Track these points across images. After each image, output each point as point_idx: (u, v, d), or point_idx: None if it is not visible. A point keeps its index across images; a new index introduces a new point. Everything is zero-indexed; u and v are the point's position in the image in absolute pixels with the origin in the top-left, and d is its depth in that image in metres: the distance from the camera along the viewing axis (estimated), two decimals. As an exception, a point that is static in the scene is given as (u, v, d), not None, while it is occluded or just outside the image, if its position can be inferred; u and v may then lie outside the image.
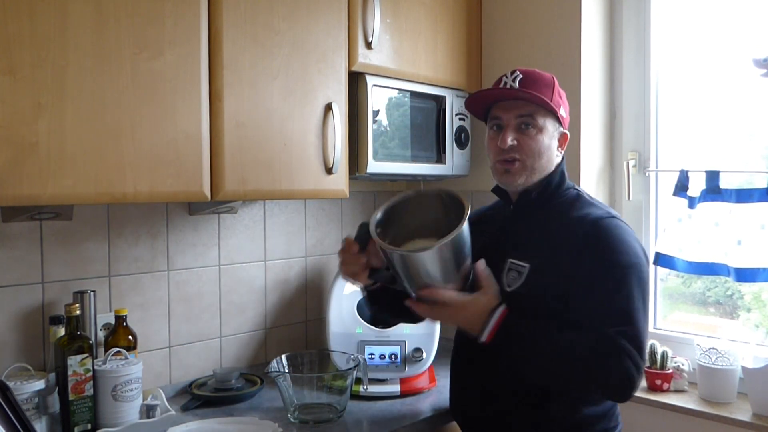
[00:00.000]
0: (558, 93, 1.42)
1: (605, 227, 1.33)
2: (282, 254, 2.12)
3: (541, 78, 1.41)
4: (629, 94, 2.11)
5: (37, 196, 1.27)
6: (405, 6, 1.96)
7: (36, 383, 1.45)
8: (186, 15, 1.46)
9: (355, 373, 1.68)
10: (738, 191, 1.81)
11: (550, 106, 1.37)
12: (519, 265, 1.37)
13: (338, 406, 1.62)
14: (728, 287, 1.98)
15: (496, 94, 1.41)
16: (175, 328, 1.86)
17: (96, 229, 1.70)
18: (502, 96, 1.40)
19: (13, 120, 1.23)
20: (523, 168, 1.39)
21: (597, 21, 2.07)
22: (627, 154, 2.11)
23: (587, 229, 1.33)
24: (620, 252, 1.30)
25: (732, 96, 1.92)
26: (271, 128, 1.64)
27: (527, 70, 1.41)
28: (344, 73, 1.80)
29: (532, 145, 1.38)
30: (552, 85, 1.41)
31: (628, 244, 1.32)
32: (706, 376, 1.84)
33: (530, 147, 1.38)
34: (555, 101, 1.40)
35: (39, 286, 1.62)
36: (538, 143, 1.38)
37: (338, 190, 1.80)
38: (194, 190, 1.49)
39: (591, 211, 1.37)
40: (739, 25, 1.88)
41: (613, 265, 1.29)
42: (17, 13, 1.22)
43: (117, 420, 1.52)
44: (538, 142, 1.38)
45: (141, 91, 1.39)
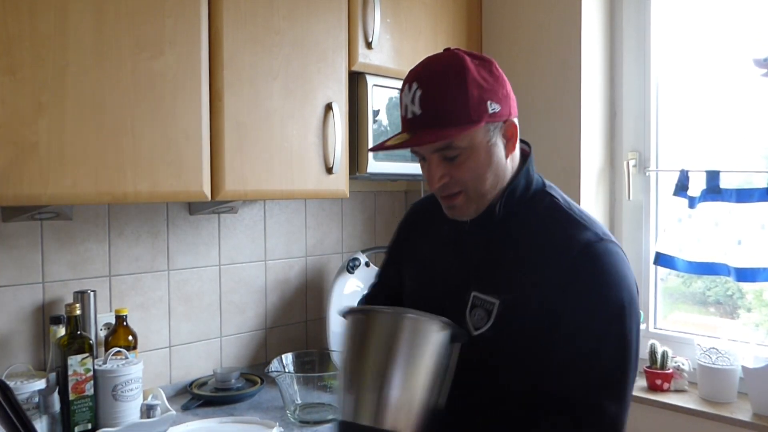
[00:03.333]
0: (477, 86, 1.01)
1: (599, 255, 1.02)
2: (282, 254, 2.12)
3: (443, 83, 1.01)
4: (629, 94, 2.11)
5: (37, 196, 1.27)
6: (405, 6, 1.96)
7: (36, 383, 1.45)
8: (186, 15, 1.46)
9: None
10: (738, 191, 1.81)
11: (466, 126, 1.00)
12: (485, 300, 1.06)
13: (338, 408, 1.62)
14: (728, 287, 1.98)
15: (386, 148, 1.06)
16: (175, 328, 1.86)
17: (96, 229, 1.70)
18: (397, 148, 1.05)
19: (14, 120, 1.23)
20: (469, 199, 1.07)
21: (597, 21, 2.07)
22: (627, 154, 2.11)
23: (575, 257, 1.01)
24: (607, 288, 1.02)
25: (732, 96, 1.92)
26: (271, 128, 1.64)
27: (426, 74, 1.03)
28: (344, 73, 1.80)
29: (467, 174, 1.04)
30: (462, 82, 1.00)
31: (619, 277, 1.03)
32: (706, 375, 1.84)
33: (465, 176, 1.04)
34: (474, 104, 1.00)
35: (39, 285, 1.62)
36: (473, 168, 1.04)
37: (338, 190, 1.80)
38: (194, 189, 1.49)
39: (577, 231, 1.04)
40: (739, 25, 1.88)
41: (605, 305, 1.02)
42: (17, 13, 1.22)
43: (117, 420, 1.52)
44: (473, 166, 1.04)
45: (141, 91, 1.39)
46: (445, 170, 1.04)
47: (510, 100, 1.06)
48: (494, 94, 1.03)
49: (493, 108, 1.02)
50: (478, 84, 1.01)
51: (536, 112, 2.10)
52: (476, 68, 1.02)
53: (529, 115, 2.12)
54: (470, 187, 1.06)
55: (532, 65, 2.13)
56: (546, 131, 2.08)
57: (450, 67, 1.02)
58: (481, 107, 1.01)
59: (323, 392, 1.64)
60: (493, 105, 1.02)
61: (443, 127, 1.01)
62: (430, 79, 1.02)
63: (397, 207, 2.49)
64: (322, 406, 1.63)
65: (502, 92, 1.04)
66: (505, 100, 1.05)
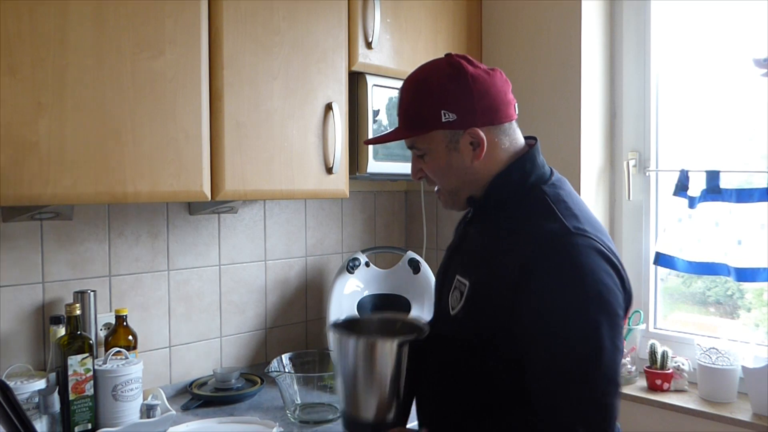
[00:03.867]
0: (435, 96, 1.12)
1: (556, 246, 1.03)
2: (282, 254, 2.12)
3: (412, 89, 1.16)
4: (629, 94, 2.11)
5: (37, 196, 1.27)
6: (405, 6, 1.96)
7: (36, 383, 1.45)
8: (186, 15, 1.46)
9: None
10: (738, 191, 1.81)
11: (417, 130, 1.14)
12: (461, 282, 1.15)
13: (339, 405, 1.62)
14: (728, 287, 1.98)
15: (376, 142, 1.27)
16: (175, 328, 1.87)
17: (96, 229, 1.71)
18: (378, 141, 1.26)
19: (14, 120, 1.23)
20: (446, 195, 1.20)
21: (597, 21, 2.07)
22: (627, 154, 2.11)
23: (539, 246, 1.03)
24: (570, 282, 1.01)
25: (732, 96, 1.92)
26: (271, 128, 1.64)
27: (405, 82, 1.17)
28: (344, 73, 1.80)
29: (432, 171, 1.17)
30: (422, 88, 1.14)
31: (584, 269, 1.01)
32: (706, 375, 1.84)
33: (432, 173, 1.18)
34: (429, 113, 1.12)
35: (39, 285, 1.62)
36: (435, 167, 1.16)
37: (338, 190, 1.80)
38: (194, 189, 1.50)
39: (549, 222, 1.06)
40: (739, 25, 1.88)
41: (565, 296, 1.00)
42: (17, 13, 1.22)
43: (117, 420, 1.52)
44: (435, 166, 1.16)
45: (141, 91, 1.39)
46: (418, 165, 1.19)
47: (473, 110, 1.12)
48: (450, 104, 1.11)
49: (447, 117, 1.12)
50: (435, 94, 1.13)
51: (536, 112, 2.10)
52: (440, 78, 1.13)
53: (529, 115, 2.12)
54: (440, 183, 1.19)
55: (532, 65, 2.13)
56: (546, 131, 2.08)
57: (421, 76, 1.16)
58: (434, 116, 1.12)
59: (323, 392, 1.64)
60: (448, 114, 1.12)
61: (406, 129, 1.17)
62: (405, 89, 1.18)
63: (397, 207, 2.49)
64: (322, 406, 1.63)
65: (463, 102, 1.11)
66: (467, 110, 1.12)
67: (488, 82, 1.13)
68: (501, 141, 1.15)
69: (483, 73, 1.13)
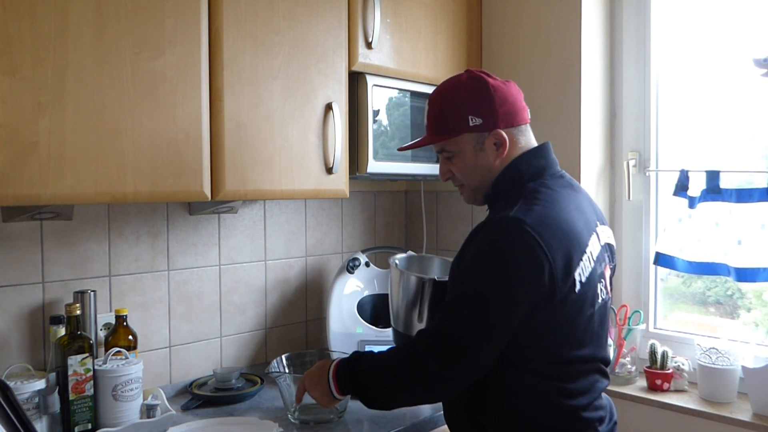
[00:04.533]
0: (460, 105, 1.32)
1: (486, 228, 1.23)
2: (282, 254, 2.12)
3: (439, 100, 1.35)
4: (629, 94, 2.11)
5: (37, 196, 1.27)
6: (405, 6, 1.96)
7: (36, 383, 1.45)
8: (186, 15, 1.46)
9: None
10: (738, 191, 1.81)
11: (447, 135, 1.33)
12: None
13: (339, 406, 1.62)
14: (728, 287, 1.98)
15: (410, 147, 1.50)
16: (175, 328, 1.87)
17: (96, 229, 1.71)
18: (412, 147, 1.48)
19: (14, 120, 1.23)
20: (468, 190, 1.39)
21: (597, 21, 2.07)
22: (627, 154, 2.11)
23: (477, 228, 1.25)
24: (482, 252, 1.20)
25: (732, 96, 1.92)
26: (271, 128, 1.64)
27: (432, 95, 1.38)
28: (344, 73, 1.80)
29: (459, 171, 1.36)
30: (449, 98, 1.34)
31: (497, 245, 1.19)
32: (706, 375, 1.84)
33: (458, 172, 1.36)
34: (456, 119, 1.31)
35: (39, 285, 1.62)
36: (463, 167, 1.35)
37: (338, 190, 1.80)
38: (194, 190, 1.50)
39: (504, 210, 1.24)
40: (739, 25, 1.88)
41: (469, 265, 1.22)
42: (17, 13, 1.22)
43: (117, 420, 1.53)
44: (463, 166, 1.35)
45: (141, 91, 1.39)
46: (447, 167, 1.38)
47: (496, 114, 1.31)
48: (476, 110, 1.31)
49: (474, 122, 1.31)
50: (461, 102, 1.32)
51: (536, 112, 2.09)
52: (465, 89, 1.32)
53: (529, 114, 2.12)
54: (465, 181, 1.37)
55: (532, 66, 2.13)
56: (546, 131, 2.08)
57: (446, 88, 1.36)
58: (462, 121, 1.31)
59: None
60: (474, 119, 1.31)
61: (435, 135, 1.37)
62: (433, 101, 1.37)
63: (397, 207, 2.49)
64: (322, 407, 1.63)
65: (486, 108, 1.31)
66: (490, 114, 1.31)
67: (506, 91, 1.33)
68: (518, 140, 1.34)
69: (501, 83, 1.33)
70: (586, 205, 1.33)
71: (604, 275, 1.31)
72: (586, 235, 1.26)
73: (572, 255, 1.21)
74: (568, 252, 1.20)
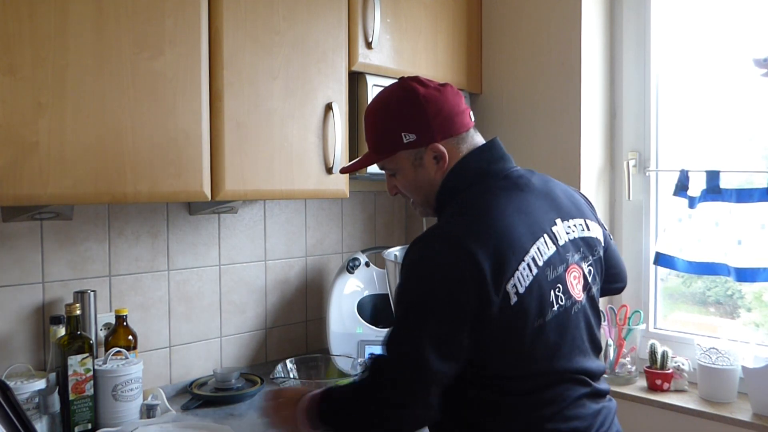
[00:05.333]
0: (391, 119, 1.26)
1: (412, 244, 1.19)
2: (282, 254, 2.12)
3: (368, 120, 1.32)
4: (629, 94, 2.11)
5: (37, 196, 1.27)
6: (405, 6, 1.96)
7: (36, 383, 1.45)
8: (186, 14, 1.46)
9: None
10: (738, 191, 1.81)
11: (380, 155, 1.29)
12: None
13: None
14: (728, 287, 1.98)
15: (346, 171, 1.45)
16: (175, 328, 1.87)
17: (96, 229, 1.71)
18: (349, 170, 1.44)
19: (14, 120, 1.23)
20: (417, 204, 1.35)
21: (597, 21, 2.07)
22: (627, 154, 2.11)
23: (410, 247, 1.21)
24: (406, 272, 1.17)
25: (732, 96, 1.92)
26: (271, 128, 1.64)
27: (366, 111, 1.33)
28: (344, 73, 1.80)
29: (403, 187, 1.33)
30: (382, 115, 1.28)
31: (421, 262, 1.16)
32: (706, 375, 1.84)
33: (403, 189, 1.33)
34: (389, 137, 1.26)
35: (39, 285, 1.62)
36: (405, 183, 1.31)
37: (338, 190, 1.80)
38: (194, 189, 1.50)
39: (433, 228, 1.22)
40: (739, 25, 1.88)
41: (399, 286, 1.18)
42: (17, 13, 1.22)
43: (117, 420, 1.53)
44: (405, 182, 1.31)
45: (141, 91, 1.39)
46: (392, 183, 1.35)
47: (430, 128, 1.24)
48: (409, 126, 1.24)
49: (408, 138, 1.25)
50: (393, 118, 1.26)
51: (536, 112, 2.11)
52: (397, 103, 1.25)
53: (529, 115, 2.12)
54: (412, 197, 1.34)
55: (532, 66, 2.13)
56: (546, 131, 2.09)
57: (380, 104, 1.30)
58: (395, 139, 1.25)
59: None
60: (408, 136, 1.24)
61: (374, 154, 1.32)
62: (366, 116, 1.32)
63: (397, 207, 2.49)
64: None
65: (419, 122, 1.24)
66: (424, 128, 1.24)
67: (440, 99, 1.24)
68: (460, 149, 1.26)
69: (434, 91, 1.24)
70: (536, 204, 1.22)
71: (562, 279, 1.18)
72: (528, 239, 1.15)
73: (504, 265, 1.11)
74: (500, 262, 1.10)
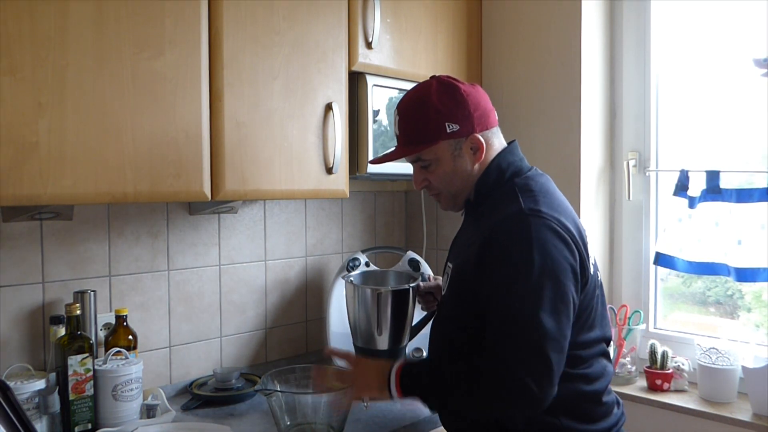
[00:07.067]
0: (435, 111, 1.29)
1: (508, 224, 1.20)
2: (282, 254, 2.12)
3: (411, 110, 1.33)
4: (629, 94, 2.11)
5: (37, 196, 1.27)
6: (405, 6, 1.96)
7: (36, 383, 1.45)
8: (186, 15, 1.46)
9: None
10: (738, 191, 1.81)
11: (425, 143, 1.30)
12: (448, 267, 1.37)
13: (335, 425, 1.48)
14: (728, 287, 1.98)
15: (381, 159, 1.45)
16: (175, 328, 1.87)
17: (96, 229, 1.71)
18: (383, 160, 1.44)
19: (14, 120, 1.23)
20: (446, 198, 1.38)
21: (597, 21, 2.07)
22: (627, 154, 2.11)
23: (491, 227, 1.22)
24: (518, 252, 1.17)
25: (732, 96, 1.92)
26: (271, 128, 1.64)
27: (401, 104, 1.35)
28: (344, 73, 1.80)
29: (437, 179, 1.34)
30: (423, 109, 1.30)
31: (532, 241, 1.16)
32: (706, 375, 1.84)
33: (437, 180, 1.35)
34: (433, 127, 1.29)
35: (39, 285, 1.62)
36: (441, 175, 1.33)
37: (338, 190, 1.80)
38: (194, 189, 1.50)
39: (510, 205, 1.24)
40: (739, 25, 1.88)
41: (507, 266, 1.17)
42: (17, 13, 1.22)
43: (117, 420, 1.52)
44: (441, 173, 1.33)
45: (141, 91, 1.39)
46: (423, 176, 1.36)
47: (471, 119, 1.30)
48: (452, 116, 1.29)
49: (451, 128, 1.29)
50: (437, 110, 1.29)
51: (536, 112, 2.11)
52: (438, 96, 1.30)
53: (529, 115, 2.12)
54: (443, 189, 1.36)
55: (532, 65, 2.13)
56: (546, 131, 2.09)
57: (418, 97, 1.33)
58: (439, 129, 1.29)
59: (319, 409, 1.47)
60: (451, 126, 1.29)
61: (410, 145, 1.34)
62: (403, 110, 1.35)
63: (397, 207, 2.49)
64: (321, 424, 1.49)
65: (461, 114, 1.30)
66: (466, 119, 1.30)
67: (476, 95, 1.33)
68: (493, 143, 1.35)
69: (469, 87, 1.33)
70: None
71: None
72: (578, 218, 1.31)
73: (584, 237, 1.26)
74: (581, 235, 1.25)
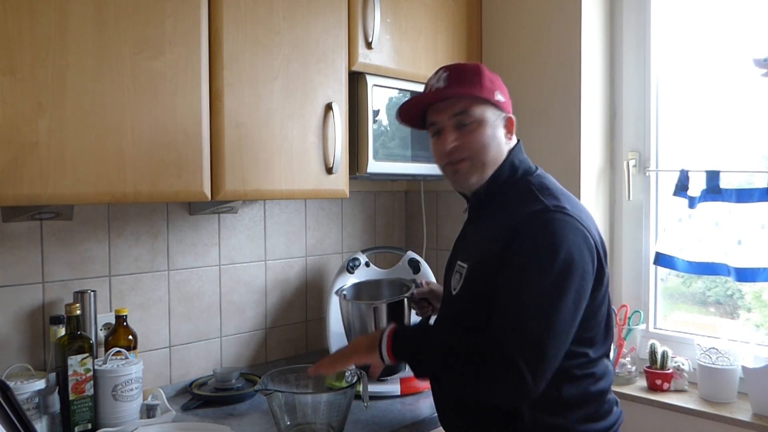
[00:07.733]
0: (489, 79, 1.33)
1: (536, 220, 1.20)
2: (282, 254, 2.12)
3: (466, 69, 1.34)
4: (629, 94, 2.11)
5: (37, 196, 1.27)
6: (405, 6, 1.96)
7: (36, 383, 1.45)
8: (186, 15, 1.46)
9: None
10: (738, 191, 1.81)
11: (482, 95, 1.30)
12: (461, 266, 1.32)
13: (335, 425, 1.49)
14: (728, 287, 1.98)
15: (421, 100, 1.35)
16: (175, 328, 1.87)
17: (96, 229, 1.71)
18: (427, 100, 1.34)
19: (14, 120, 1.23)
20: (473, 166, 1.32)
21: (597, 21, 2.07)
22: (627, 154, 2.11)
23: (517, 224, 1.20)
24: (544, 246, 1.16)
25: (732, 96, 1.92)
26: (271, 128, 1.64)
27: (452, 66, 1.35)
28: (344, 73, 1.80)
29: (475, 141, 1.30)
30: (479, 72, 1.32)
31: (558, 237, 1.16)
32: (706, 375, 1.84)
33: (473, 142, 1.30)
34: (487, 88, 1.31)
35: (39, 285, 1.62)
36: (480, 136, 1.30)
37: (338, 190, 1.80)
38: (194, 189, 1.50)
39: (532, 204, 1.24)
40: (739, 25, 1.88)
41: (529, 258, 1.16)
42: (17, 13, 1.22)
43: (117, 420, 1.53)
44: (481, 135, 1.30)
45: (141, 91, 1.39)
46: (457, 136, 1.31)
47: (509, 102, 1.39)
48: (502, 91, 1.36)
49: (498, 97, 1.33)
50: (491, 79, 1.34)
51: (536, 112, 2.10)
52: (490, 71, 1.36)
53: (529, 115, 2.12)
54: (475, 154, 1.31)
55: (532, 65, 2.12)
56: (546, 131, 2.09)
57: (472, 65, 1.36)
58: (492, 92, 1.32)
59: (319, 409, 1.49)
60: (499, 95, 1.33)
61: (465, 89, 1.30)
62: (455, 67, 1.35)
63: (397, 207, 2.49)
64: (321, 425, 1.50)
65: (505, 93, 1.37)
66: (508, 99, 1.38)
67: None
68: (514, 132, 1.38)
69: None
70: None
71: None
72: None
73: (601, 238, 1.28)
74: (600, 236, 1.28)
